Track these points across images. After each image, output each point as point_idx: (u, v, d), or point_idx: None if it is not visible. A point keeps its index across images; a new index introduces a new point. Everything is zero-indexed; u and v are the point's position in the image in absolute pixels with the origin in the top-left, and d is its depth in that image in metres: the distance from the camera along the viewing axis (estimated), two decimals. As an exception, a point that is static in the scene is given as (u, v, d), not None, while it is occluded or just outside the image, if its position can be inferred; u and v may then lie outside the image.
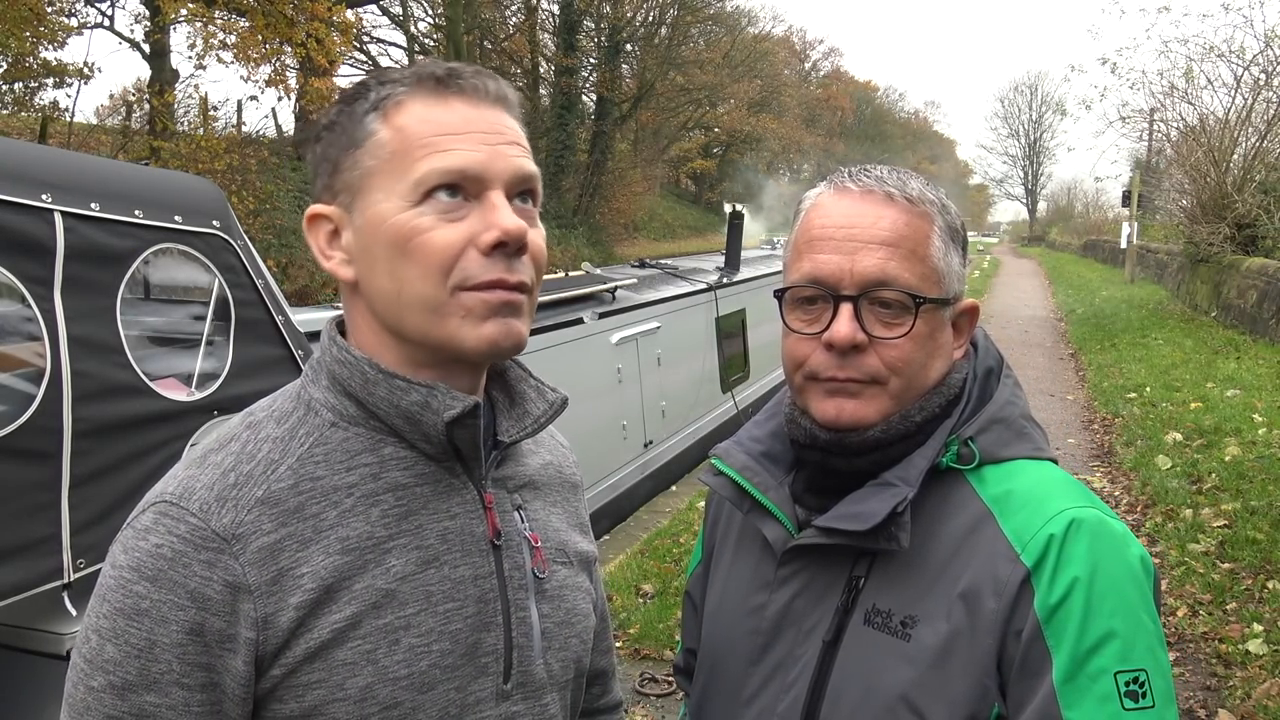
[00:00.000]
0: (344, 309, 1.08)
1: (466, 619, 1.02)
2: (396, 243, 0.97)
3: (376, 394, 1.00)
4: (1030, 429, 1.18)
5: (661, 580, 5.57)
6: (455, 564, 1.02)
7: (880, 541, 1.08)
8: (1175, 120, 19.99)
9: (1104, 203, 52.60)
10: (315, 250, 1.04)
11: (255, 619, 0.92)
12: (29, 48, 17.77)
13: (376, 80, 1.03)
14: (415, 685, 0.97)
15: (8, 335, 2.23)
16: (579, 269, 9.01)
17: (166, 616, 0.90)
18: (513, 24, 36.83)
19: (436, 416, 0.99)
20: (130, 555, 0.93)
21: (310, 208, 1.05)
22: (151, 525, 0.94)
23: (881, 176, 1.15)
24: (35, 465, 2.17)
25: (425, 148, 0.97)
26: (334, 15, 19.31)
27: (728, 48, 44.12)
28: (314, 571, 0.95)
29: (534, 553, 1.10)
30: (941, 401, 1.16)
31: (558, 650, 1.11)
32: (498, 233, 0.97)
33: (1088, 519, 1.05)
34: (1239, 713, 4.05)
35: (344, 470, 0.99)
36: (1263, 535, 5.86)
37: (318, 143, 1.04)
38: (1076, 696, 0.99)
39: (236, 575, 0.92)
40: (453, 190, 0.97)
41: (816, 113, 60.71)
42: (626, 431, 7.38)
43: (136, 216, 2.49)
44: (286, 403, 1.05)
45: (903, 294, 1.10)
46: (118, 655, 0.91)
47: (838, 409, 1.13)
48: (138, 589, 0.91)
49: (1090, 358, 13.89)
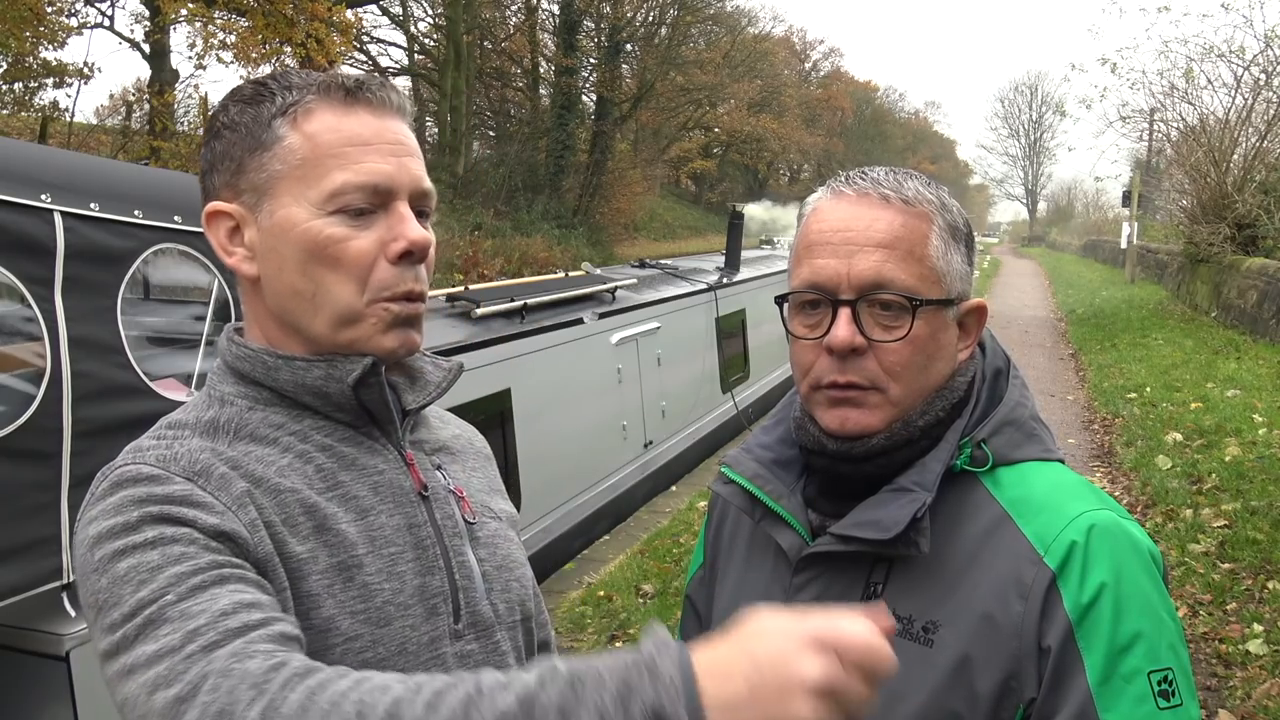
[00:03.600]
0: (245, 305, 1.12)
1: (409, 563, 1.06)
2: (309, 248, 1.02)
3: (281, 378, 1.06)
4: (1040, 430, 1.18)
5: (661, 580, 5.57)
6: (390, 513, 1.07)
7: (900, 548, 1.08)
8: (1175, 120, 20.01)
9: (1104, 203, 52.69)
10: (215, 246, 1.07)
11: (245, 523, 0.95)
12: (29, 48, 17.78)
13: (280, 84, 1.06)
14: (372, 620, 1.01)
15: (8, 335, 2.23)
16: (579, 269, 9.01)
17: (160, 515, 0.90)
18: (513, 24, 36.86)
19: (341, 384, 1.05)
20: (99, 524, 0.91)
21: (210, 204, 1.07)
22: (113, 485, 0.94)
23: (878, 179, 1.15)
24: (35, 465, 2.17)
25: (337, 157, 1.02)
26: (334, 15, 19.32)
27: (728, 48, 44.12)
28: (273, 505, 0.99)
29: (461, 503, 1.16)
30: (945, 405, 1.15)
31: (500, 592, 1.15)
32: (405, 243, 1.04)
33: (1107, 522, 1.07)
34: (1239, 713, 4.05)
35: (271, 442, 1.04)
36: (1263, 535, 5.86)
37: (215, 139, 1.07)
38: (1113, 698, 0.99)
39: (206, 498, 0.94)
40: (362, 200, 1.03)
41: (816, 113, 60.65)
42: (626, 432, 7.38)
43: (136, 216, 2.49)
44: (200, 403, 1.09)
45: (900, 296, 1.10)
46: (146, 580, 0.86)
47: (842, 419, 1.13)
48: (121, 493, 0.92)
49: (1090, 358, 13.89)
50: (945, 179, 74.22)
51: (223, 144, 1.06)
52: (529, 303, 6.11)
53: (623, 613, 5.10)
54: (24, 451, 2.15)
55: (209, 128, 1.09)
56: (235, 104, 1.07)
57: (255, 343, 1.09)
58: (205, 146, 1.09)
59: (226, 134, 1.06)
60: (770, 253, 14.58)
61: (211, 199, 1.08)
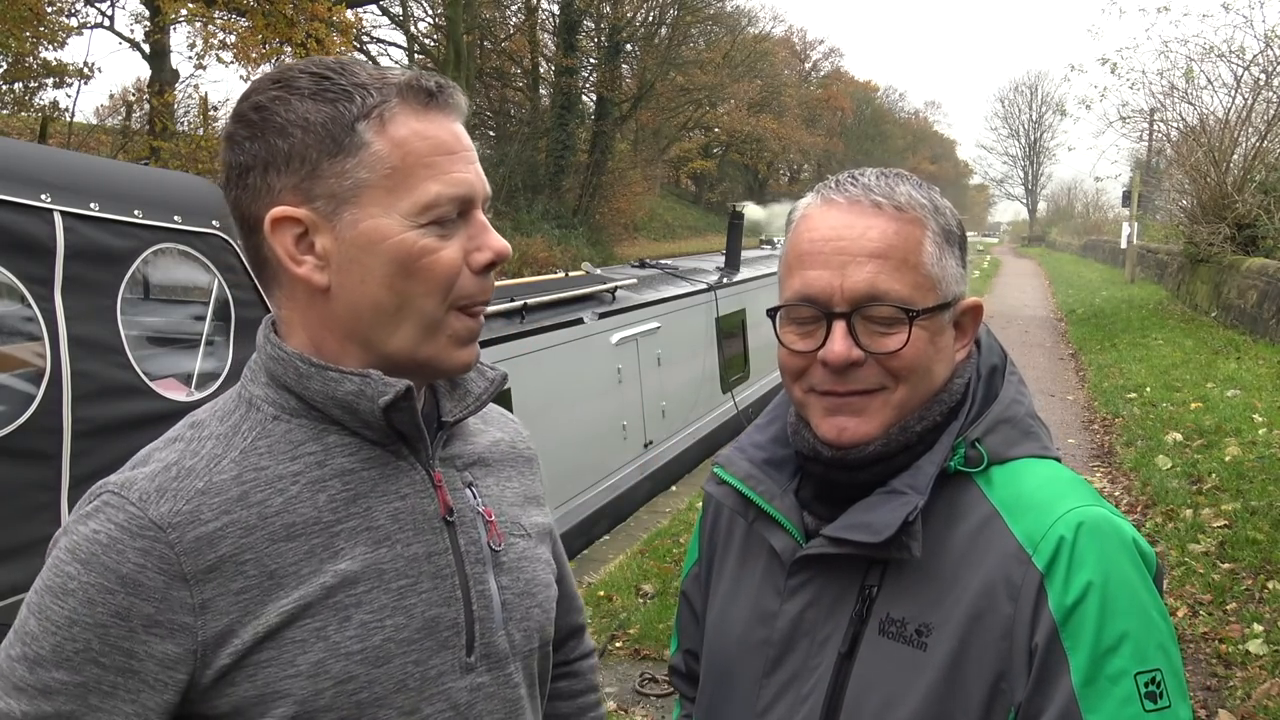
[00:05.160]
0: (290, 309, 1.06)
1: (422, 594, 1.04)
2: (402, 260, 1.00)
3: (312, 387, 1.02)
4: (1036, 427, 1.17)
5: (661, 580, 5.57)
6: (408, 542, 1.04)
7: (892, 551, 1.07)
8: (1175, 120, 20.00)
9: (1104, 203, 52.74)
10: (281, 252, 1.01)
11: (192, 605, 0.94)
12: (29, 48, 17.79)
13: (350, 79, 1.00)
14: (369, 659, 0.99)
15: (8, 335, 2.23)
16: (579, 269, 9.01)
17: (93, 599, 0.93)
18: (513, 24, 36.84)
19: (372, 403, 1.01)
20: (69, 538, 0.96)
21: (276, 208, 1.00)
22: (92, 512, 0.96)
23: (869, 184, 1.12)
24: (35, 465, 2.17)
25: (429, 168, 1.00)
26: (334, 15, 19.33)
27: (728, 48, 44.12)
28: (257, 558, 0.97)
29: (488, 527, 1.13)
30: (943, 410, 1.14)
31: (519, 621, 1.13)
32: (491, 254, 1.04)
33: (1096, 519, 1.05)
34: (1239, 713, 4.05)
35: (288, 459, 1.01)
36: (1263, 535, 5.85)
37: (278, 136, 0.99)
38: (1097, 699, 0.98)
39: (171, 563, 0.94)
40: (452, 210, 1.02)
41: (816, 113, 60.63)
42: (626, 431, 7.38)
43: (136, 216, 2.49)
44: (228, 402, 1.07)
45: (895, 308, 1.08)
46: (36, 629, 0.94)
47: (839, 429, 1.11)
48: (69, 569, 0.94)
49: (1090, 358, 13.89)
50: (945, 179, 73.37)
51: (290, 143, 0.98)
52: (529, 303, 6.11)
53: (623, 613, 5.10)
54: (24, 451, 2.15)
55: (257, 120, 1.00)
56: (297, 97, 0.99)
57: (290, 346, 1.04)
58: (254, 139, 1.00)
59: (296, 133, 0.98)
60: (770, 253, 14.58)
61: (265, 199, 1.01)
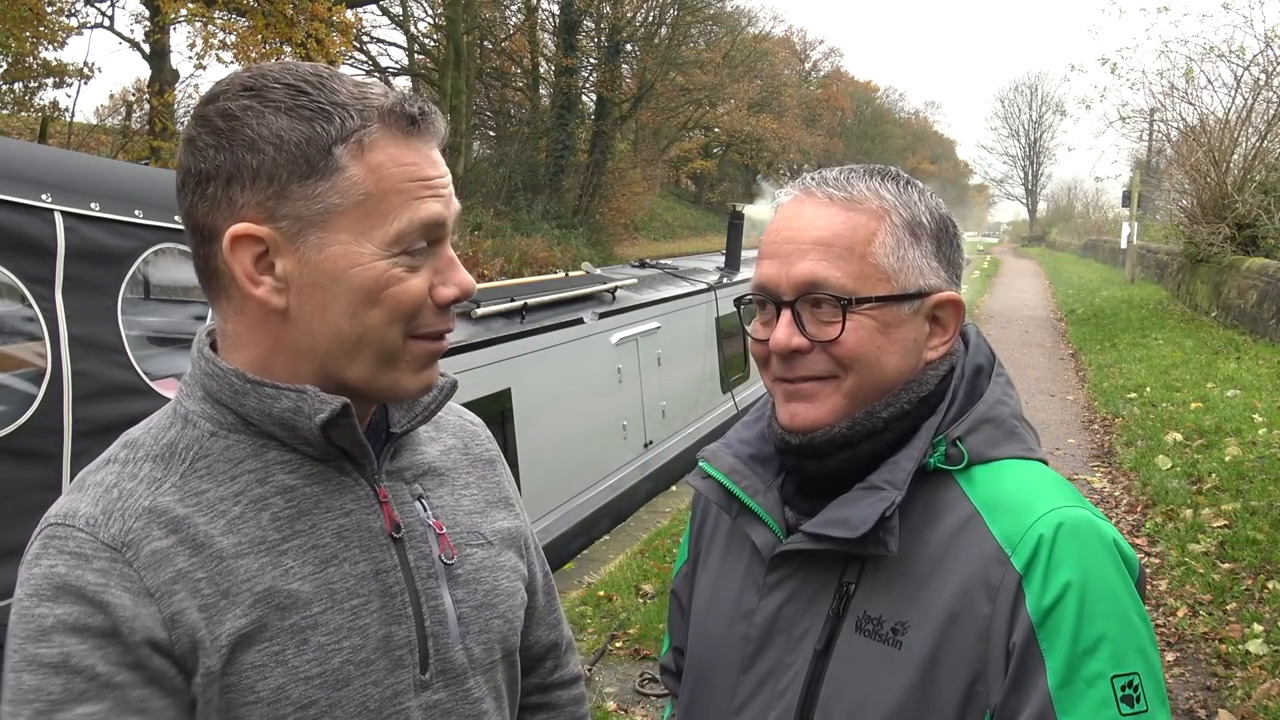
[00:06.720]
0: (238, 325, 1.01)
1: (373, 614, 1.02)
2: (369, 289, 0.96)
3: (248, 404, 0.99)
4: (1021, 429, 1.16)
5: (661, 580, 5.57)
6: (355, 560, 1.02)
7: (869, 547, 1.07)
8: (1175, 120, 20.01)
9: (1104, 203, 52.66)
10: (238, 270, 0.96)
11: (162, 619, 0.91)
12: (29, 48, 17.79)
13: (328, 97, 0.96)
14: (329, 683, 0.97)
15: (9, 335, 2.24)
16: (579, 269, 9.01)
17: (76, 627, 0.88)
18: (513, 24, 36.85)
19: (309, 421, 0.98)
20: (26, 586, 0.91)
21: (238, 225, 0.94)
22: (41, 551, 0.92)
23: (825, 179, 1.16)
24: (35, 465, 2.18)
25: (401, 195, 0.97)
26: (334, 15, 19.33)
27: (728, 48, 44.11)
28: (210, 577, 0.94)
29: (440, 540, 1.10)
30: (912, 398, 1.13)
31: (478, 634, 1.11)
32: (457, 290, 1.02)
33: (1077, 519, 1.04)
34: (1239, 713, 4.05)
35: (228, 480, 0.98)
36: (1263, 535, 5.86)
37: (247, 151, 0.94)
38: (1072, 702, 0.98)
39: (133, 579, 0.90)
40: (422, 240, 0.99)
41: (816, 113, 60.62)
42: (626, 431, 7.38)
43: (136, 216, 2.49)
44: (163, 419, 1.03)
45: (831, 296, 1.10)
46: (37, 682, 0.88)
47: (791, 414, 1.14)
48: (39, 611, 0.89)
49: (1090, 358, 13.89)
50: (945, 179, 73.33)
51: (260, 160, 0.93)
52: (529, 303, 6.11)
53: (623, 612, 5.10)
54: (24, 451, 2.15)
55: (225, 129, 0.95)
56: (271, 110, 0.94)
57: (225, 362, 1.00)
58: (220, 149, 0.95)
59: (268, 150, 0.93)
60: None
61: (225, 212, 0.95)
